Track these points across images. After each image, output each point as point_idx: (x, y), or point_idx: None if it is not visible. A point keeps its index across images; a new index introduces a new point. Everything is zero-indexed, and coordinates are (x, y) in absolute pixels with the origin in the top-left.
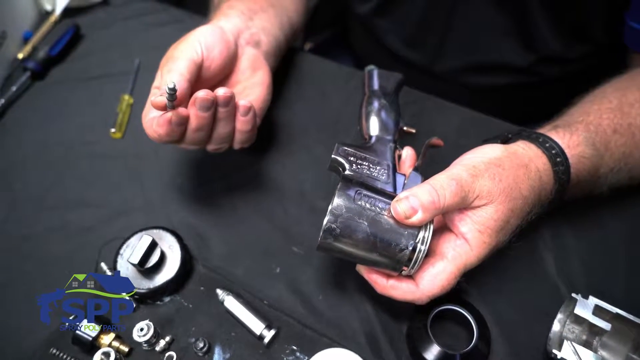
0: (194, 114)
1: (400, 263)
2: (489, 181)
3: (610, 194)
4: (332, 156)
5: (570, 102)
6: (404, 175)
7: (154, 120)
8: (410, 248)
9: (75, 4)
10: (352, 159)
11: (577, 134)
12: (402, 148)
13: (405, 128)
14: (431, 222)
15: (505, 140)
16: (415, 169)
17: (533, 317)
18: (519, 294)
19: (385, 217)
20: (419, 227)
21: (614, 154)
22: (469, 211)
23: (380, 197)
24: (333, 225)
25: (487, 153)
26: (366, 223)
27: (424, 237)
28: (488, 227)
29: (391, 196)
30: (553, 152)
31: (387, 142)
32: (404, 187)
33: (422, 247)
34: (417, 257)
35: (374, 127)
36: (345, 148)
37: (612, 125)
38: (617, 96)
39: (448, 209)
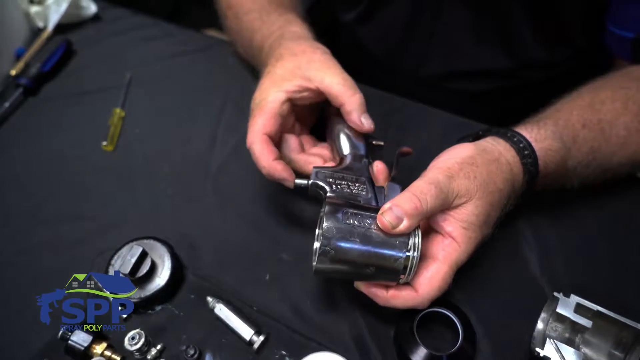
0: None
1: (397, 272)
2: (465, 180)
3: (591, 194)
4: (311, 181)
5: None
6: (383, 187)
7: (261, 155)
8: (404, 256)
9: (67, 20)
10: (330, 180)
11: (545, 128)
12: (373, 162)
13: (374, 142)
14: (418, 228)
15: (477, 138)
16: (392, 179)
17: (518, 317)
18: (504, 295)
19: (375, 231)
20: (408, 235)
21: (582, 148)
22: (451, 211)
23: (367, 213)
24: (327, 248)
25: (459, 153)
26: (358, 240)
27: (414, 243)
28: (472, 223)
29: (376, 210)
30: (521, 145)
31: (361, 157)
32: (385, 199)
33: (415, 254)
34: (412, 264)
35: (345, 145)
36: (323, 171)
37: (582, 120)
38: (590, 95)
39: (431, 212)
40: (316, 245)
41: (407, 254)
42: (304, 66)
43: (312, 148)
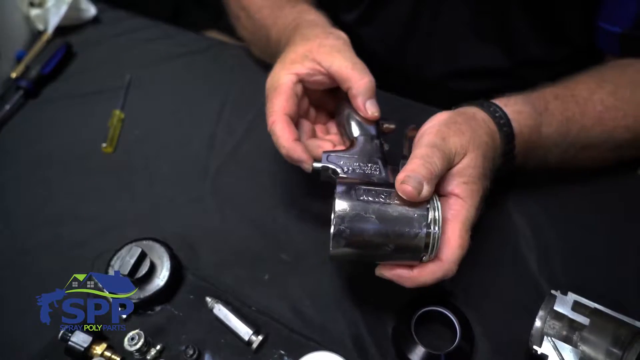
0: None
1: (419, 250)
2: (456, 137)
3: (589, 192)
4: (322, 165)
5: None
6: (397, 167)
7: (282, 134)
8: (424, 231)
9: (67, 23)
10: (342, 162)
11: (515, 97)
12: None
13: (385, 125)
14: (438, 201)
15: None
16: (404, 157)
17: (516, 315)
18: (502, 293)
19: (392, 204)
20: (427, 208)
21: (555, 115)
22: (449, 170)
23: (381, 188)
24: (342, 227)
25: (439, 118)
26: (374, 216)
27: (434, 217)
28: (471, 175)
29: (390, 184)
30: (491, 109)
31: (372, 138)
32: None
33: (436, 229)
34: (434, 239)
35: (354, 129)
36: (333, 155)
37: (554, 93)
38: (566, 78)
39: (441, 175)
40: (332, 229)
41: (428, 230)
42: (315, 50)
43: (324, 135)
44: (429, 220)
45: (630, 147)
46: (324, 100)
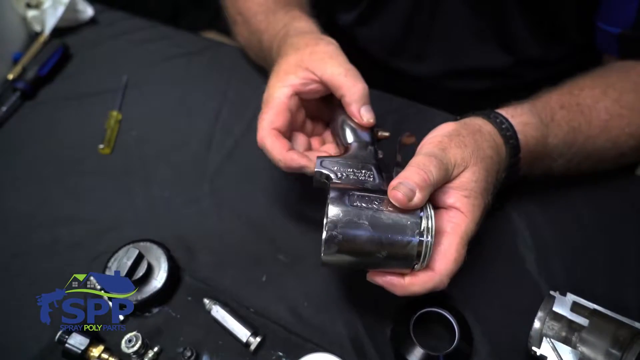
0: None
1: (411, 257)
2: (458, 149)
3: (589, 192)
4: (315, 170)
5: None
6: (392, 174)
7: (274, 148)
8: (417, 239)
9: (64, 24)
10: (335, 168)
11: (522, 107)
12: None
13: (379, 133)
14: (431, 210)
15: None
16: (397, 164)
17: (515, 316)
18: (501, 294)
19: (385, 211)
20: (420, 217)
21: (561, 125)
22: (450, 183)
23: (375, 194)
24: (334, 233)
25: (444, 129)
26: (367, 222)
27: (427, 227)
28: (472, 190)
29: (384, 191)
30: (497, 120)
31: (366, 145)
32: None
33: (429, 239)
34: (426, 248)
35: (349, 135)
36: (327, 160)
37: (560, 102)
38: (569, 84)
39: (437, 184)
40: (324, 235)
41: (421, 238)
42: (307, 58)
43: (320, 147)
44: (422, 228)
45: (633, 154)
46: (320, 110)
